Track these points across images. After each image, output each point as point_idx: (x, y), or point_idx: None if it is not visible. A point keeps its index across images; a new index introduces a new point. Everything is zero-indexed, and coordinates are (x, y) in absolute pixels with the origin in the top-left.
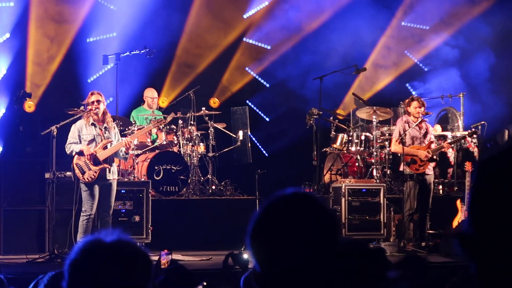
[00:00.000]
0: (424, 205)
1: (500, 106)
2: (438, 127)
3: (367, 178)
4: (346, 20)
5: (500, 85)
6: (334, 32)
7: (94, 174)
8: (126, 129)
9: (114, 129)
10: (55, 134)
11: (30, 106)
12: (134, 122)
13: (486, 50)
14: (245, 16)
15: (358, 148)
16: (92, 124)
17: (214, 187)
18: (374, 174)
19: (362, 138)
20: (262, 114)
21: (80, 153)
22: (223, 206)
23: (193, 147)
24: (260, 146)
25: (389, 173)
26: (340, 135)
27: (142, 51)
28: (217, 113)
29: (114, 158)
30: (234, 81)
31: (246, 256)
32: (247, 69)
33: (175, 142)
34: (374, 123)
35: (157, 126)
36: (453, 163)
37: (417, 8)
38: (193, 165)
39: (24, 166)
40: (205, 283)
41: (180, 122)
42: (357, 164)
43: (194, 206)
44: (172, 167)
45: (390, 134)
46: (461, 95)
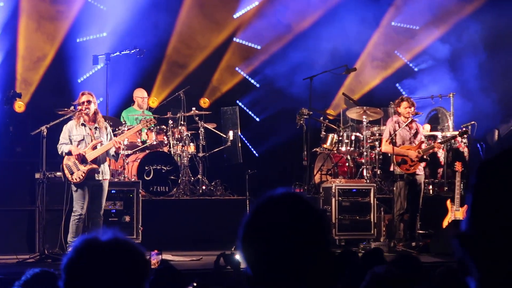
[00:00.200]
0: (414, 205)
1: (490, 105)
2: (427, 126)
3: (357, 178)
4: (336, 20)
5: (490, 84)
6: (324, 32)
7: (83, 175)
8: (117, 129)
9: (106, 129)
10: (45, 134)
11: (20, 106)
12: (124, 122)
13: (476, 49)
14: (235, 16)
15: (348, 148)
16: (82, 124)
17: (204, 187)
18: (364, 174)
19: (352, 138)
20: (252, 114)
21: (69, 153)
22: (214, 206)
23: (183, 147)
24: (250, 146)
25: (379, 173)
26: (330, 135)
27: (132, 51)
28: (207, 113)
29: (107, 158)
30: (224, 81)
31: (238, 256)
32: (237, 69)
33: (165, 142)
34: (364, 123)
35: (146, 126)
36: (443, 163)
37: (407, 8)
38: (183, 165)
39: (14, 166)
40: (195, 284)
41: (170, 122)
42: (347, 164)
43: (185, 206)
44: (162, 167)
45: (380, 134)
46: (451, 95)
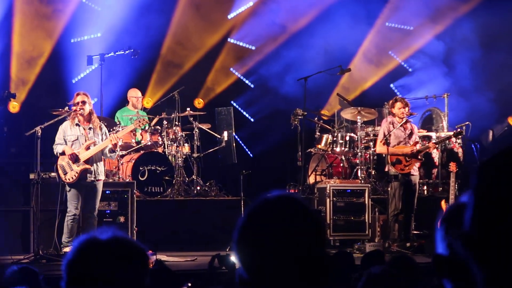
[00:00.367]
0: (409, 205)
1: (485, 105)
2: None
3: (352, 178)
4: (330, 20)
5: (485, 84)
6: (319, 32)
7: (76, 175)
8: (111, 129)
9: (100, 129)
10: (40, 134)
11: (14, 106)
12: (118, 123)
13: (471, 49)
14: (229, 16)
15: (343, 148)
16: (76, 124)
17: (199, 188)
18: (359, 174)
19: (347, 138)
20: (247, 115)
21: (63, 153)
22: (208, 207)
23: (178, 148)
24: (245, 147)
25: (373, 173)
26: (324, 136)
27: (127, 52)
28: (201, 113)
29: (102, 158)
30: (218, 81)
31: (233, 258)
32: (232, 69)
33: (160, 143)
34: (359, 124)
35: (138, 126)
36: (437, 164)
37: (401, 8)
38: (178, 165)
39: (8, 167)
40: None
41: (164, 122)
42: (341, 164)
43: (179, 206)
44: (157, 168)
45: (374, 135)
46: (445, 96)
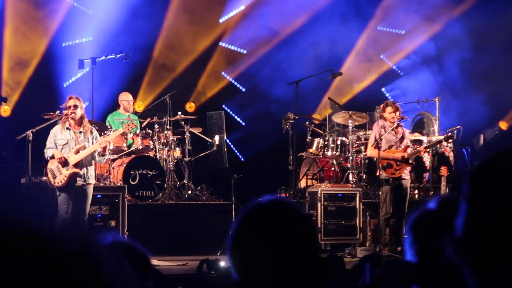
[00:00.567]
0: (400, 209)
1: (476, 108)
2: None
3: (343, 182)
4: (322, 24)
5: (476, 88)
6: (310, 36)
7: (64, 178)
8: (102, 133)
9: (91, 133)
10: (31, 138)
11: (5, 110)
12: (110, 127)
13: (462, 53)
14: (221, 20)
15: (334, 152)
16: (67, 128)
17: (190, 192)
18: (350, 178)
19: (338, 142)
20: (238, 119)
21: (53, 157)
22: (199, 211)
23: (169, 152)
24: (236, 151)
25: (365, 177)
26: (316, 140)
27: (118, 56)
28: (193, 117)
29: (93, 163)
30: (210, 85)
31: (222, 263)
32: (223, 73)
33: (151, 147)
34: (350, 128)
35: (128, 129)
36: (428, 168)
37: (393, 12)
38: (169, 169)
39: (0, 171)
40: None
41: (156, 126)
42: (333, 168)
43: (170, 211)
44: (148, 172)
45: (366, 139)
46: (436, 100)
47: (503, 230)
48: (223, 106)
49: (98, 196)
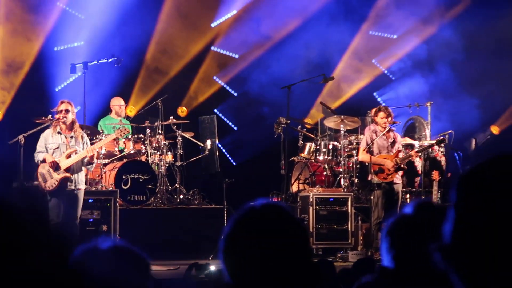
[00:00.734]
0: (392, 214)
1: (468, 113)
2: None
3: (335, 187)
4: (314, 29)
5: (468, 92)
6: (302, 41)
7: (55, 183)
8: (94, 138)
9: (82, 138)
10: (23, 143)
11: None
12: (101, 131)
13: (453, 57)
14: (213, 25)
15: (326, 157)
16: (58, 132)
17: (182, 196)
18: (342, 183)
19: (330, 147)
20: (230, 123)
21: (44, 161)
22: (191, 215)
23: (161, 156)
24: (228, 155)
25: (356, 182)
26: (308, 144)
27: (110, 60)
28: (185, 122)
29: (83, 168)
30: (202, 90)
31: (212, 267)
32: (215, 78)
33: (143, 151)
34: (342, 132)
35: (120, 135)
36: (420, 172)
37: (385, 17)
38: (161, 174)
39: None
40: None
41: (148, 131)
42: (324, 173)
43: (162, 215)
44: (140, 176)
45: (357, 143)
46: (428, 104)
47: (497, 234)
48: (215, 110)
49: (90, 200)
